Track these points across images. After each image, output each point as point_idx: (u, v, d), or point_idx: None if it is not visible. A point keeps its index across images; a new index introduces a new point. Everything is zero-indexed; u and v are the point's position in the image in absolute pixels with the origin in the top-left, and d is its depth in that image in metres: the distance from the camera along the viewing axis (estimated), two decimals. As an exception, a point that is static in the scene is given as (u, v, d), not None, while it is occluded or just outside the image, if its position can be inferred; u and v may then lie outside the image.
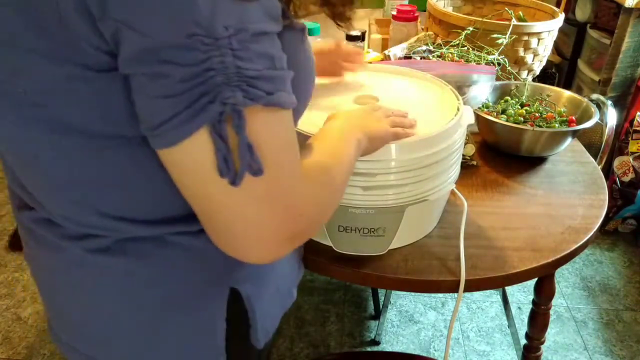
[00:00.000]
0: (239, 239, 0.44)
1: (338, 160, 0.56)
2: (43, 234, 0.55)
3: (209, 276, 0.55)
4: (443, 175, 0.76)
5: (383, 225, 0.76)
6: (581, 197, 0.96)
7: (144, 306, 0.55)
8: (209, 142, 0.40)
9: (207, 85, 0.38)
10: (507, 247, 0.83)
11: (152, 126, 0.40)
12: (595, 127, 1.31)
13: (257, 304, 0.59)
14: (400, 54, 1.29)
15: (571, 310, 1.74)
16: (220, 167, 0.41)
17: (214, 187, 0.42)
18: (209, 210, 0.44)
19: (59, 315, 0.61)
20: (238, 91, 0.39)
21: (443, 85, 0.86)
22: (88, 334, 0.58)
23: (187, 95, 0.38)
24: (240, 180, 0.41)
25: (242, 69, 0.39)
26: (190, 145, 0.40)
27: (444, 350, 1.59)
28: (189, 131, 0.39)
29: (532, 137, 1.02)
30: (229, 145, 0.40)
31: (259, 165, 0.41)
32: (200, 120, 0.39)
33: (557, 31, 1.30)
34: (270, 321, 0.63)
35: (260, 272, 0.59)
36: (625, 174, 1.94)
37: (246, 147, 0.40)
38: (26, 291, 1.77)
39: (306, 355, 1.58)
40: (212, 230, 0.45)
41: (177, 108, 0.39)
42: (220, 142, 0.40)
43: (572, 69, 2.26)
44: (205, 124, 0.39)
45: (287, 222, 0.45)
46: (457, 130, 0.75)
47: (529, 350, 1.02)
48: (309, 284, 1.84)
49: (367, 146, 0.65)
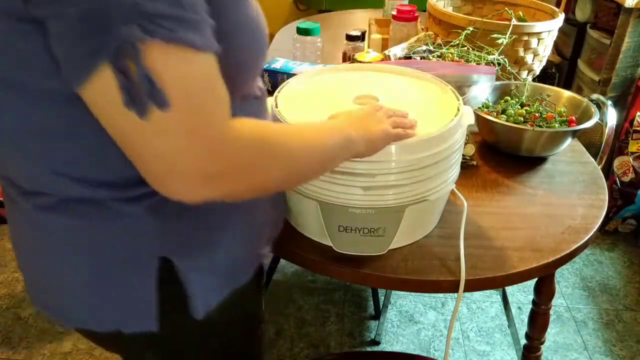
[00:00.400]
0: (160, 173, 0.46)
1: (302, 140, 0.57)
2: (9, 191, 0.59)
3: (141, 243, 0.58)
4: (443, 176, 0.76)
5: (383, 225, 0.76)
6: (581, 197, 0.96)
7: (83, 265, 0.58)
8: (113, 77, 0.42)
9: (103, 21, 0.40)
10: (507, 247, 0.83)
11: (65, 70, 0.43)
12: (595, 127, 1.31)
13: (192, 274, 0.60)
14: (400, 54, 1.29)
15: (571, 310, 1.74)
16: (125, 100, 0.42)
17: (126, 121, 0.44)
18: (130, 147, 0.46)
19: (27, 273, 0.65)
20: (135, 27, 0.41)
21: (443, 85, 0.86)
22: (45, 288, 0.63)
23: (85, 33, 0.40)
24: (145, 112, 0.43)
25: (139, 4, 0.41)
26: (97, 81, 0.42)
27: (444, 350, 1.59)
28: (92, 67, 0.41)
29: (532, 137, 1.02)
30: (131, 78, 0.42)
31: (163, 97, 0.42)
32: (100, 56, 0.41)
33: (557, 31, 1.30)
34: (212, 293, 0.64)
35: (196, 242, 0.61)
36: (625, 174, 1.94)
37: (145, 79, 0.42)
38: (26, 291, 1.77)
39: (306, 355, 1.58)
40: (140, 168, 0.47)
41: (78, 46, 0.41)
42: (121, 76, 0.42)
43: (572, 69, 2.26)
44: (105, 59, 0.41)
45: (204, 157, 0.46)
46: (457, 130, 0.75)
47: (529, 350, 1.02)
48: (309, 284, 1.84)
49: (365, 146, 0.66)
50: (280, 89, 0.83)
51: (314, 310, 1.73)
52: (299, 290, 1.81)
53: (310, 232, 0.83)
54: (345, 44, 1.41)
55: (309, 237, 0.83)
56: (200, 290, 0.62)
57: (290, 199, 0.81)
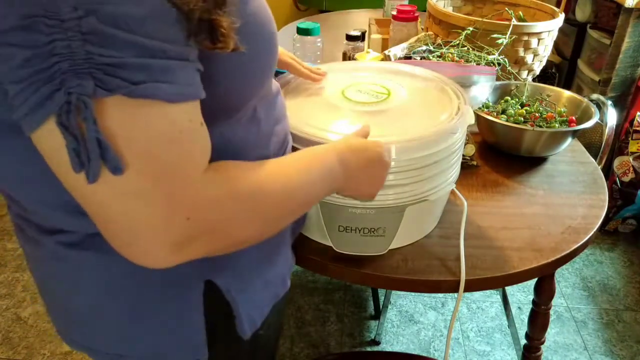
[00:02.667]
0: (121, 240, 0.41)
1: (286, 183, 0.51)
2: (24, 228, 0.56)
3: (182, 269, 0.52)
4: (443, 175, 0.76)
5: (383, 225, 0.76)
6: (581, 197, 0.96)
7: (120, 297, 0.55)
8: (60, 134, 0.37)
9: (52, 72, 0.35)
10: (507, 247, 0.83)
11: (14, 111, 0.37)
12: (595, 127, 1.31)
13: (239, 296, 0.59)
14: (400, 54, 1.29)
15: (571, 310, 1.74)
16: (72, 162, 0.37)
17: (77, 181, 0.39)
18: (86, 206, 0.41)
19: (57, 311, 0.62)
20: (89, 79, 0.35)
21: (444, 84, 0.86)
22: (77, 324, 0.59)
23: (33, 81, 0.35)
24: (95, 177, 0.37)
25: (93, 54, 0.35)
26: (43, 135, 0.37)
27: (444, 350, 1.59)
28: (37, 120, 0.36)
29: (532, 137, 1.02)
30: (78, 138, 0.36)
31: (116, 162, 0.37)
32: (46, 109, 0.36)
33: (557, 31, 1.30)
34: (257, 311, 0.63)
35: (239, 264, 0.58)
36: (625, 174, 1.94)
37: (95, 142, 0.36)
38: (26, 291, 1.77)
39: (306, 355, 1.58)
40: (100, 229, 0.42)
41: (25, 94, 0.36)
42: (68, 135, 0.36)
43: (572, 69, 2.26)
44: (52, 113, 0.36)
45: (169, 225, 0.41)
46: (457, 129, 0.75)
47: (529, 350, 1.02)
48: (309, 284, 1.84)
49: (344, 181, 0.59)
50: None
51: (314, 310, 1.73)
52: (299, 290, 1.81)
53: (310, 232, 0.83)
54: (345, 44, 1.41)
55: (309, 237, 0.83)
56: (246, 310, 0.60)
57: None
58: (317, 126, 0.72)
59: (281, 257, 0.66)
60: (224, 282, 0.57)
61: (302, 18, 2.08)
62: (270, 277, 0.64)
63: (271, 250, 0.63)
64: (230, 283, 0.58)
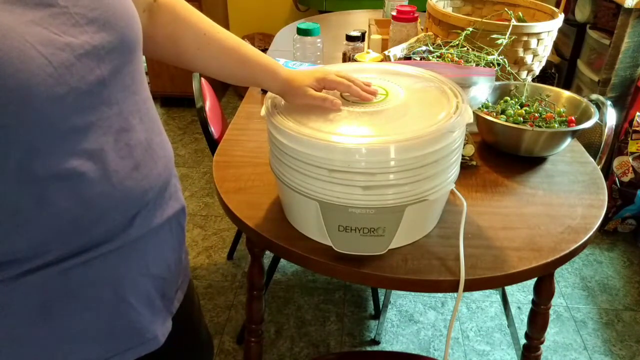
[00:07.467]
0: None
1: None
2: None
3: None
4: (442, 175, 0.76)
5: (383, 225, 0.76)
6: (581, 197, 0.96)
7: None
8: None
9: None
10: (507, 247, 0.83)
11: None
12: (595, 127, 1.31)
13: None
14: (400, 55, 1.29)
15: (571, 310, 1.75)
16: None
17: None
18: None
19: None
20: None
21: (443, 83, 0.86)
22: None
23: None
24: None
25: None
26: None
27: (443, 350, 1.59)
28: None
29: (532, 137, 1.02)
30: None
31: None
32: None
33: (557, 31, 1.30)
34: None
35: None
36: (625, 174, 1.95)
37: None
38: None
39: (306, 355, 1.58)
40: None
41: None
42: None
43: (571, 69, 2.26)
44: None
45: None
46: (456, 128, 0.75)
47: (529, 350, 1.02)
48: (309, 283, 1.84)
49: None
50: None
51: (314, 310, 1.73)
52: (299, 290, 1.81)
53: (310, 232, 0.83)
54: (345, 45, 1.41)
55: (309, 237, 0.83)
56: None
57: (290, 199, 0.82)
58: (316, 127, 0.73)
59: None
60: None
61: (302, 18, 2.08)
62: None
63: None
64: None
